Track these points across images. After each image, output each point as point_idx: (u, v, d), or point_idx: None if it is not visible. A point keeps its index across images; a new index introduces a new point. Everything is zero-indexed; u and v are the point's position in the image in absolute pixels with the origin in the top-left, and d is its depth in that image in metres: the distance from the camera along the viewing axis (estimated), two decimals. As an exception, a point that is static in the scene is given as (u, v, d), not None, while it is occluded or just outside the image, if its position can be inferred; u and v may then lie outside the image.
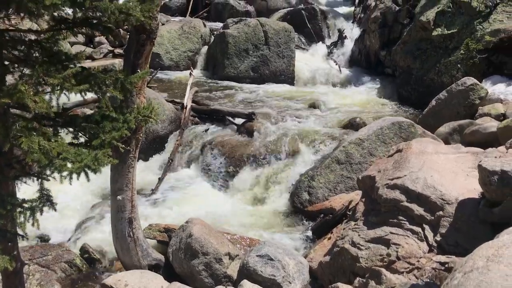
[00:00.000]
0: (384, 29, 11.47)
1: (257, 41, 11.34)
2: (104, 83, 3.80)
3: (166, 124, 8.20)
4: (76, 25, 3.80)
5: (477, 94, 7.69)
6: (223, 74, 11.40)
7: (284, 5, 15.21)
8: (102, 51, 11.56)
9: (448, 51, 9.38)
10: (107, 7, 3.47)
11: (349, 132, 7.84)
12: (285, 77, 11.49)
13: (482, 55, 8.74)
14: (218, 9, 15.28)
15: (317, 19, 13.87)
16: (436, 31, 9.64)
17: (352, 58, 12.66)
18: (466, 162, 4.11)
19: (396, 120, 6.80)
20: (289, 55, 11.50)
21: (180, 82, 10.85)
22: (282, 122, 8.43)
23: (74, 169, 3.37)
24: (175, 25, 12.30)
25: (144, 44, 4.10)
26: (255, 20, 11.64)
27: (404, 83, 10.07)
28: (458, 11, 9.50)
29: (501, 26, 8.71)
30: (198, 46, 12.04)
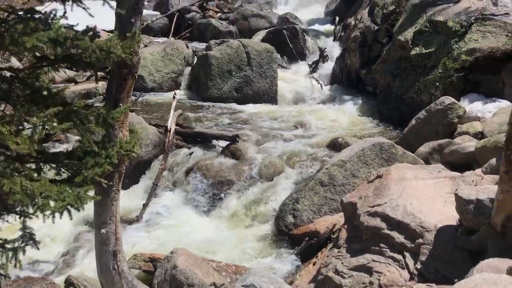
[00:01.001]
0: (363, 48, 11.69)
1: (240, 62, 11.45)
2: (86, 119, 3.83)
3: (150, 149, 8.20)
4: (57, 62, 3.84)
5: (455, 113, 7.86)
6: (206, 95, 11.47)
7: (266, 25, 15.38)
8: (85, 74, 11.55)
9: (426, 70, 9.59)
10: (88, 46, 3.52)
11: (332, 152, 7.96)
12: (268, 97, 11.60)
13: (459, 74, 8.95)
14: (201, 29, 15.40)
15: (298, 38, 14.06)
16: (414, 50, 9.86)
17: (333, 76, 12.84)
18: (444, 187, 4.21)
19: (377, 141, 6.91)
20: (272, 75, 11.62)
21: (163, 104, 10.88)
22: (266, 143, 8.51)
23: (56, 208, 3.38)
24: (158, 47, 12.36)
25: (125, 78, 4.14)
26: (237, 42, 11.76)
27: (384, 102, 10.24)
28: (435, 30, 9.74)
29: (476, 45, 8.95)
30: (181, 67, 12.11)
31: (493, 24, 9.06)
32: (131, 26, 4.00)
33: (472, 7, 9.77)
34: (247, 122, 10.04)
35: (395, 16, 11.21)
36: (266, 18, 15.69)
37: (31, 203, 3.41)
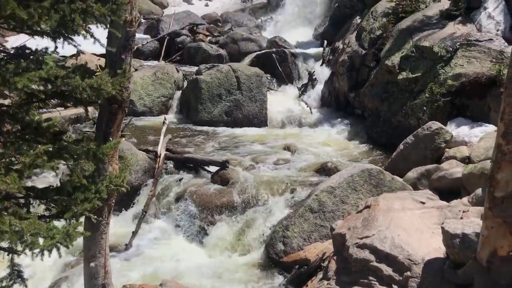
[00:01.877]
0: (351, 72, 11.85)
1: (230, 86, 11.55)
2: (76, 154, 3.85)
3: (139, 175, 8.19)
4: (48, 98, 3.88)
5: (442, 138, 7.98)
6: (197, 118, 11.53)
7: (255, 48, 15.53)
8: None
9: (413, 94, 9.74)
10: (79, 84, 3.56)
11: (321, 177, 8.01)
12: (258, 120, 11.68)
13: (446, 98, 9.11)
14: (191, 53, 15.51)
15: (288, 62, 14.22)
16: (401, 74, 10.03)
17: (322, 99, 12.97)
18: (432, 218, 4.26)
19: (365, 168, 6.98)
20: (261, 99, 11.73)
21: (153, 128, 10.90)
22: (256, 168, 8.55)
23: (45, 246, 3.38)
24: (148, 71, 12.44)
25: (115, 113, 4.18)
26: (227, 66, 11.88)
27: (373, 125, 10.36)
28: (421, 55, 9.93)
29: (462, 70, 9.13)
30: (172, 91, 12.18)
31: (478, 49, 9.26)
32: (121, 62, 4.06)
33: (457, 32, 9.99)
34: (237, 146, 10.09)
35: (382, 40, 11.42)
36: (256, 41, 15.86)
37: (20, 241, 3.40)
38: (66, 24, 3.51)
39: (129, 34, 4.06)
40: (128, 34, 4.05)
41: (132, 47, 4.15)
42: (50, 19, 3.42)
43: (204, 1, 22.41)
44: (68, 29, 3.53)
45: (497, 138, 2.99)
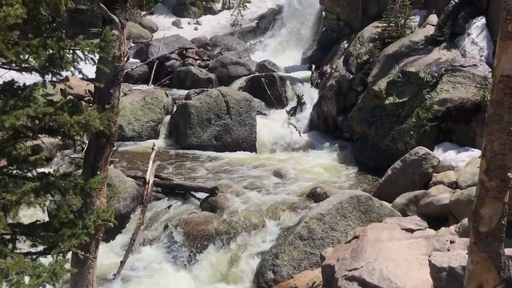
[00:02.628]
0: (339, 96, 11.99)
1: (219, 110, 11.61)
2: (64, 189, 3.84)
3: (128, 202, 8.15)
4: (36, 133, 3.88)
5: (429, 163, 8.06)
6: (186, 143, 11.54)
7: (244, 72, 15.68)
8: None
9: (400, 118, 9.86)
10: (67, 121, 3.58)
11: (310, 203, 8.03)
12: (247, 145, 11.72)
13: (433, 123, 9.23)
14: (180, 76, 15.60)
15: (276, 85, 14.35)
16: (388, 99, 10.16)
17: (311, 123, 13.07)
18: (419, 248, 4.29)
19: (354, 194, 7.02)
20: (251, 123, 11.79)
21: (142, 153, 10.86)
22: (245, 194, 8.53)
23: (31, 286, 3.34)
24: (137, 96, 12.47)
25: (103, 147, 4.19)
26: (216, 91, 11.96)
27: (361, 149, 10.44)
28: (408, 81, 10.08)
29: (448, 95, 9.28)
30: (161, 116, 12.20)
31: (463, 75, 9.44)
32: (110, 97, 4.09)
33: (442, 58, 10.18)
34: (226, 171, 10.09)
35: (369, 65, 11.59)
36: (245, 65, 16.01)
37: (5, 280, 3.36)
38: (54, 61, 3.55)
39: (118, 69, 4.10)
40: (117, 69, 4.09)
41: (121, 81, 4.18)
42: (38, 57, 3.46)
43: (194, 25, 22.64)
44: (56, 66, 3.56)
45: (480, 174, 3.05)
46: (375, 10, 14.20)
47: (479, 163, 3.03)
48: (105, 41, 3.64)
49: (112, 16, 3.87)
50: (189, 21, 22.87)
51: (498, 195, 2.95)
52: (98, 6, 3.75)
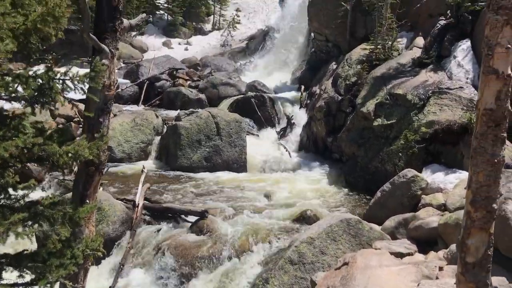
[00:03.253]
0: (329, 117, 12.09)
1: (209, 132, 11.64)
2: (52, 218, 3.82)
3: (117, 226, 8.08)
4: (24, 162, 3.86)
5: (418, 185, 8.13)
6: (176, 164, 11.51)
7: (234, 92, 15.79)
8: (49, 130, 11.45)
9: (389, 140, 9.96)
10: (56, 151, 3.57)
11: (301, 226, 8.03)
12: (237, 165, 11.72)
13: (421, 145, 9.33)
14: (171, 97, 15.65)
15: (266, 106, 14.44)
16: (376, 121, 10.27)
17: (301, 143, 13.14)
18: (409, 275, 4.30)
19: (344, 217, 7.03)
20: (241, 144, 11.82)
21: (132, 175, 10.83)
22: (235, 217, 8.51)
23: (18, 320, 3.30)
24: (127, 117, 12.46)
25: (92, 175, 4.18)
26: (206, 112, 12.00)
27: (351, 171, 10.50)
28: (396, 103, 10.21)
29: (435, 117, 9.41)
30: (151, 137, 12.19)
31: (449, 97, 9.59)
32: (99, 125, 4.09)
33: (429, 80, 10.35)
34: (216, 192, 10.08)
35: (357, 87, 11.73)
36: (235, 86, 16.12)
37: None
38: (44, 91, 3.56)
39: (107, 98, 4.12)
40: (106, 97, 4.11)
41: (110, 109, 4.19)
42: (28, 87, 3.47)
43: (184, 45, 22.80)
44: (46, 96, 3.57)
45: (466, 205, 3.09)
46: (363, 32, 14.45)
47: (465, 194, 3.07)
48: (95, 71, 3.66)
49: (102, 46, 3.90)
50: (179, 42, 23.04)
51: (484, 226, 2.99)
52: (88, 37, 3.79)
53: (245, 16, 25.18)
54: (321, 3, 15.88)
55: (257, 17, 25.22)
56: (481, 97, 2.89)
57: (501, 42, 2.77)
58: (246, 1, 26.36)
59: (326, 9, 15.60)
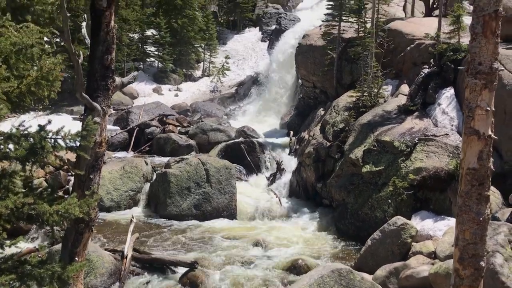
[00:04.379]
0: (318, 163, 12.19)
1: (199, 179, 11.63)
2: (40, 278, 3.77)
3: (105, 278, 7.91)
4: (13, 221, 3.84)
5: (408, 233, 8.15)
6: (165, 212, 11.42)
7: (224, 138, 15.89)
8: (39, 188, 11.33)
9: (378, 186, 10.03)
10: (46, 210, 3.57)
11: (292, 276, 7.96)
12: (227, 213, 11.66)
13: (409, 192, 9.41)
14: (160, 143, 15.70)
15: (256, 151, 14.54)
16: (365, 168, 10.37)
17: (291, 189, 13.15)
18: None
19: (335, 268, 6.98)
20: (231, 191, 11.80)
21: (121, 224, 10.71)
22: (225, 267, 8.41)
23: None
24: (116, 164, 12.43)
25: (82, 232, 4.15)
26: (196, 159, 12.03)
27: (341, 217, 10.50)
28: (383, 149, 10.37)
29: (422, 164, 9.54)
30: (140, 184, 12.14)
31: (435, 144, 9.77)
32: (90, 182, 4.11)
33: (415, 127, 10.56)
34: (206, 242, 9.96)
35: (345, 133, 11.91)
36: (225, 132, 16.25)
37: None
38: (35, 151, 3.59)
39: (98, 155, 4.15)
40: (98, 154, 4.15)
41: (101, 166, 4.22)
42: (20, 148, 3.50)
43: (174, 92, 23.07)
44: (37, 155, 3.60)
45: (454, 263, 3.12)
46: (349, 79, 14.81)
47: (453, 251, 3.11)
48: (87, 130, 3.71)
49: (94, 104, 3.97)
50: (169, 88, 23.32)
51: (472, 283, 3.01)
52: (81, 96, 3.86)
53: (234, 63, 25.69)
54: (308, 51, 16.33)
55: (246, 63, 25.73)
56: (464, 157, 2.98)
57: (480, 105, 2.89)
58: (235, 48, 26.95)
59: (313, 57, 16.04)
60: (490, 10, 2.79)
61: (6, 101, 3.11)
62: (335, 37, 15.11)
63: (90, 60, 4.11)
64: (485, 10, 2.80)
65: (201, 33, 25.24)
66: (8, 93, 3.15)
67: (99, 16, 4.02)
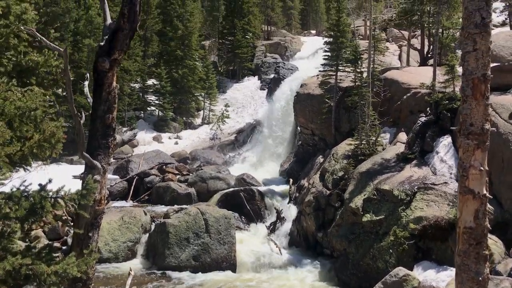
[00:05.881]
0: (318, 212, 12.13)
1: (198, 229, 11.54)
2: None
3: (101, 334, 7.72)
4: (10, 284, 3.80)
5: (410, 285, 8.03)
6: (163, 264, 11.26)
7: (223, 186, 15.88)
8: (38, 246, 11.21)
9: (379, 236, 9.95)
10: (43, 271, 3.55)
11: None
12: (227, 264, 11.48)
13: (410, 242, 9.33)
14: (160, 192, 15.68)
15: (255, 199, 14.48)
16: (365, 217, 10.32)
17: (291, 238, 13.01)
18: None
19: (337, 322, 6.83)
20: (230, 241, 11.67)
21: (118, 276, 10.54)
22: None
23: None
24: (115, 215, 12.36)
25: (79, 292, 4.10)
26: (195, 209, 11.98)
27: (342, 268, 10.34)
28: (383, 198, 10.35)
29: (422, 213, 9.50)
30: (139, 235, 12.02)
31: (435, 193, 9.77)
32: (88, 240, 4.10)
33: (414, 175, 10.59)
34: (205, 295, 9.79)
35: (344, 182, 11.92)
36: (224, 180, 16.26)
37: None
38: (35, 210, 3.61)
39: (98, 212, 4.17)
40: (97, 212, 4.16)
41: (100, 223, 4.22)
42: (20, 208, 3.52)
43: (174, 139, 23.24)
44: (37, 215, 3.62)
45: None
46: (347, 127, 15.00)
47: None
48: (87, 189, 3.75)
49: (95, 163, 4.03)
50: (169, 136, 23.51)
51: None
52: (82, 155, 3.93)
53: (234, 111, 26.04)
54: (306, 99, 16.62)
55: (245, 111, 26.08)
56: (460, 216, 3.00)
57: (474, 165, 2.94)
58: (234, 96, 27.40)
59: (311, 105, 16.31)
60: (478, 73, 2.89)
61: (8, 163, 3.17)
62: (332, 86, 15.43)
63: (91, 119, 4.20)
64: (474, 74, 2.91)
65: (201, 82, 25.73)
66: (11, 156, 3.21)
67: (101, 77, 4.14)
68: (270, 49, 31.10)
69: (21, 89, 3.47)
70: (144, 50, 25.55)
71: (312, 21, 41.09)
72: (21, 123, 3.26)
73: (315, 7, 40.49)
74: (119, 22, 4.20)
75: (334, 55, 15.48)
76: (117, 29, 4.22)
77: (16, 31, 3.79)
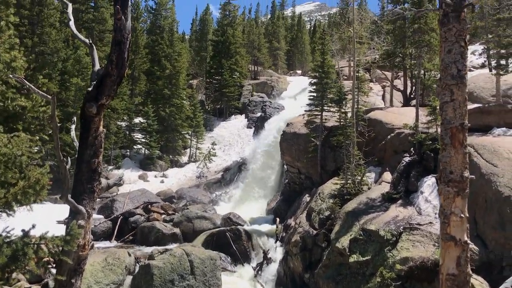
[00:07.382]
0: (305, 252, 12.05)
1: (183, 271, 11.35)
2: None
3: None
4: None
5: (398, 328, 7.91)
6: (147, 307, 10.98)
7: (209, 226, 15.74)
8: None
9: (366, 277, 9.87)
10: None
11: None
12: (212, 307, 11.25)
13: (397, 283, 9.25)
14: (144, 232, 15.45)
15: (242, 240, 14.35)
16: (352, 257, 10.27)
17: (278, 280, 12.85)
18: None
19: None
20: (216, 283, 11.49)
21: (101, 321, 10.23)
22: None
23: None
24: (98, 256, 12.11)
25: None
26: (180, 250, 11.81)
27: (330, 310, 10.20)
28: (369, 238, 10.33)
29: (408, 254, 9.48)
30: (122, 277, 11.75)
31: (420, 233, 9.78)
32: (71, 287, 4.02)
33: (399, 215, 10.63)
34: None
35: (331, 221, 11.91)
36: (210, 219, 16.12)
37: None
38: (17, 258, 3.55)
39: (81, 258, 4.11)
40: (80, 258, 4.10)
41: (83, 269, 4.16)
42: (1, 255, 3.47)
43: (160, 178, 23.12)
44: (19, 263, 3.56)
45: None
46: (333, 165, 15.11)
47: None
48: (71, 235, 3.71)
49: (79, 208, 4.00)
50: (155, 174, 23.40)
51: None
52: (66, 200, 3.90)
53: (221, 149, 26.12)
54: (292, 138, 16.78)
55: (232, 149, 26.18)
56: (442, 263, 3.03)
57: (455, 212, 3.00)
58: (221, 134, 27.56)
59: (297, 144, 16.46)
60: (456, 123, 3.00)
61: None
62: (317, 125, 15.64)
63: (77, 163, 4.20)
64: (452, 123, 3.01)
65: (188, 121, 25.88)
66: (-6, 203, 3.19)
67: (88, 122, 4.17)
68: (257, 88, 31.57)
69: (8, 135, 3.48)
70: (132, 89, 25.74)
71: (297, 61, 41.98)
72: (6, 169, 3.26)
73: (301, 48, 41.45)
74: (107, 68, 4.27)
75: (319, 95, 15.77)
76: (105, 75, 4.28)
77: (4, 78, 3.83)
